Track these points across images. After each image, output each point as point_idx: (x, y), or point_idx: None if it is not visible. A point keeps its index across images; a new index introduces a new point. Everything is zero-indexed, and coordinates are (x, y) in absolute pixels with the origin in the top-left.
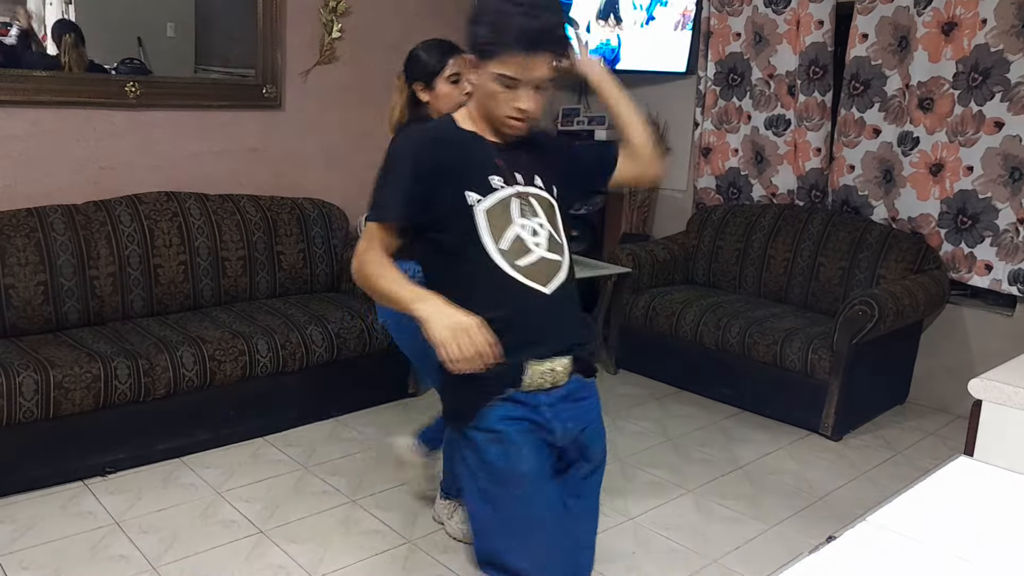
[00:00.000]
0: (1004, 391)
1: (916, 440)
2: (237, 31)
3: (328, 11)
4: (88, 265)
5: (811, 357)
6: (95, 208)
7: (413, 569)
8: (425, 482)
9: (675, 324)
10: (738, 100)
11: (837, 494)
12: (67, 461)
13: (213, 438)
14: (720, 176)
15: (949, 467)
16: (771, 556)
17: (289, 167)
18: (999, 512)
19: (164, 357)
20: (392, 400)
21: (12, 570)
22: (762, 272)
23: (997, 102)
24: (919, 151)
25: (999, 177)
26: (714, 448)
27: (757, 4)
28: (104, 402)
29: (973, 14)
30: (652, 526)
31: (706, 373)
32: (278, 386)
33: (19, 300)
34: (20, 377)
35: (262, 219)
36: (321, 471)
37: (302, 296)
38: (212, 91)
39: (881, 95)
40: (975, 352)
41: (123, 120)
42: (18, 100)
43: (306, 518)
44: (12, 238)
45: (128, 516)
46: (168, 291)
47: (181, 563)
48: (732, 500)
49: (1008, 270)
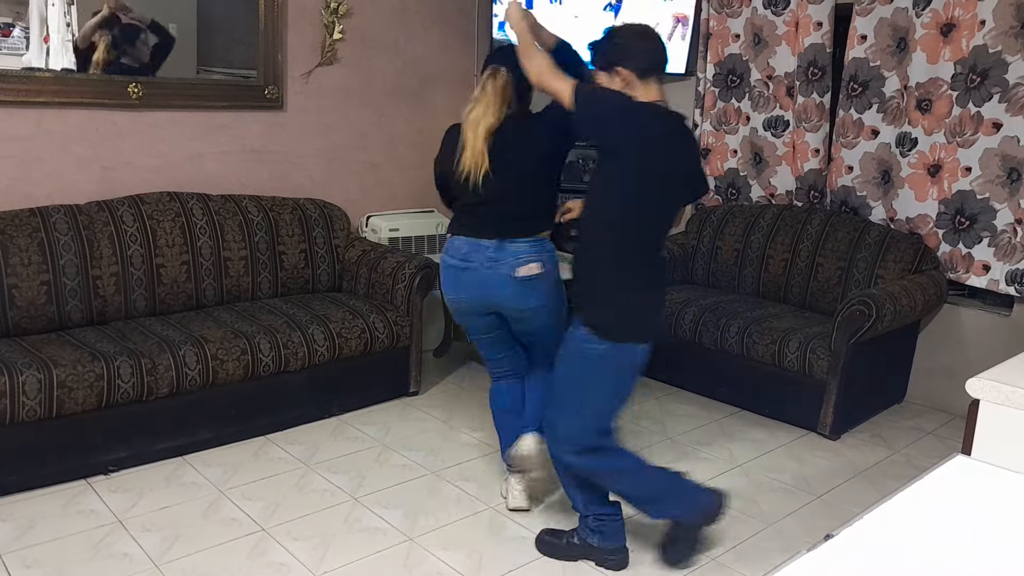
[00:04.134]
0: (1002, 391)
1: (914, 439)
2: (239, 32)
3: (329, 13)
4: (91, 265)
5: (809, 357)
6: (98, 208)
7: (414, 566)
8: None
9: (674, 324)
10: (737, 101)
11: (835, 493)
12: (70, 460)
13: (215, 437)
14: (719, 177)
15: (947, 466)
16: (769, 554)
17: (291, 168)
18: (997, 511)
19: (167, 356)
20: (393, 399)
21: (15, 568)
22: (761, 272)
23: (995, 103)
24: (917, 152)
25: (997, 178)
26: (713, 447)
27: (756, 5)
28: (107, 401)
29: (971, 15)
30: (649, 524)
31: (705, 372)
32: (280, 385)
33: (22, 300)
34: (23, 376)
35: (264, 219)
36: (323, 469)
37: (304, 296)
38: (214, 92)
39: (879, 96)
40: (973, 352)
41: (125, 121)
42: (21, 100)
43: (308, 516)
44: (15, 238)
45: (130, 514)
46: (170, 291)
47: (183, 561)
48: (730, 498)
49: (1006, 270)
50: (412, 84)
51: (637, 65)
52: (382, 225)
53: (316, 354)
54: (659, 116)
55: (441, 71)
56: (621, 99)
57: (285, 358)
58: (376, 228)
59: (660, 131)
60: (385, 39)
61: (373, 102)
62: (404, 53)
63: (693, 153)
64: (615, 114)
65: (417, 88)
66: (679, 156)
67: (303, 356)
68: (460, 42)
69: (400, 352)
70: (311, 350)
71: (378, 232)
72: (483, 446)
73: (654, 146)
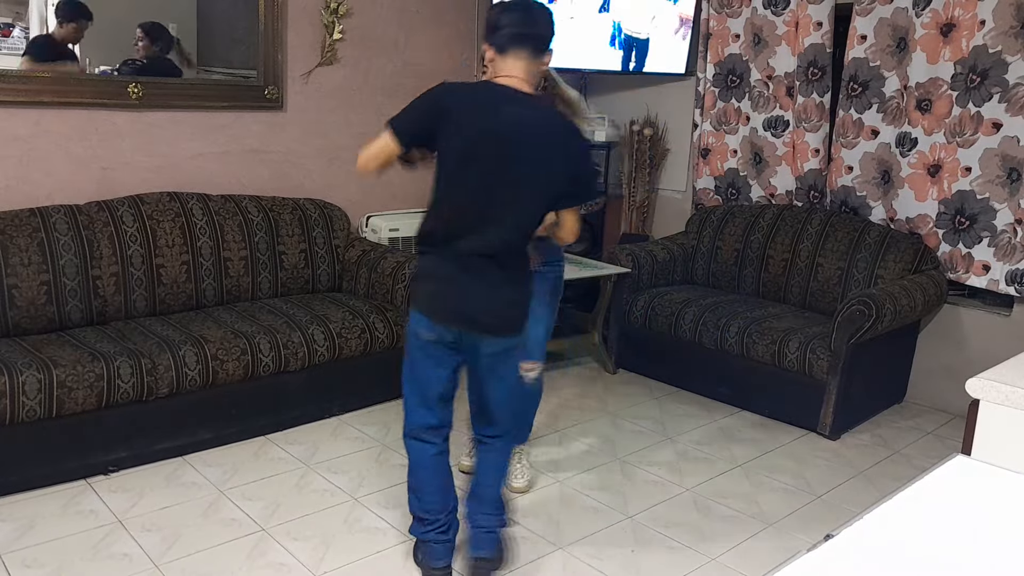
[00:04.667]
0: (1002, 391)
1: (914, 439)
2: (239, 32)
3: (329, 13)
4: (91, 265)
5: (809, 357)
6: (98, 208)
7: (414, 567)
8: None
9: (674, 324)
10: (737, 101)
11: (835, 493)
12: (69, 460)
13: (215, 437)
14: (719, 177)
15: (946, 466)
16: (769, 554)
17: (291, 168)
18: (996, 511)
19: (166, 356)
20: (394, 399)
21: (15, 568)
22: (761, 272)
23: (995, 103)
24: (917, 152)
25: (997, 178)
26: (713, 447)
27: (756, 6)
28: (107, 401)
29: (971, 15)
30: (651, 524)
31: (705, 373)
32: (280, 385)
33: (22, 300)
34: (23, 376)
35: (264, 219)
36: (323, 469)
37: (304, 296)
38: (214, 92)
39: (879, 96)
40: (973, 352)
41: (125, 121)
42: (21, 101)
43: (308, 516)
44: (15, 238)
45: (130, 515)
46: (170, 291)
47: (183, 561)
48: (730, 499)
49: (1006, 270)
50: (412, 84)
51: (496, 40)
52: (382, 225)
53: (316, 354)
54: (483, 90)
55: (441, 71)
56: (425, 94)
57: (285, 358)
58: (376, 228)
59: (478, 102)
60: (385, 39)
61: (373, 102)
62: (404, 53)
63: (553, 144)
64: (420, 105)
65: (417, 88)
66: (519, 142)
67: (303, 356)
68: (460, 42)
69: (400, 352)
70: (311, 350)
71: (378, 232)
72: None
73: (466, 116)
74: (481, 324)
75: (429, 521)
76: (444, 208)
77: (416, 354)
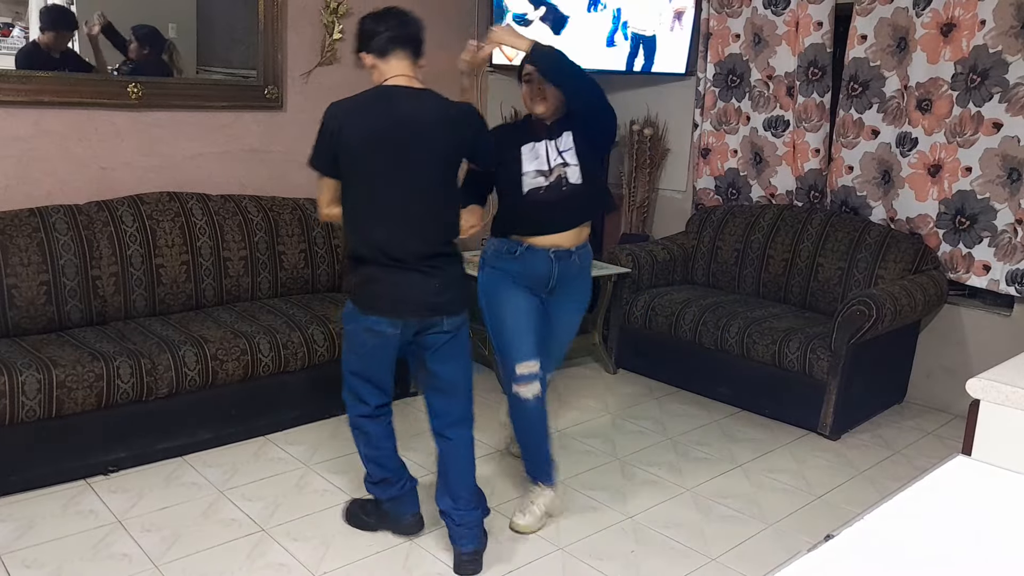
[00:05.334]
0: (1002, 391)
1: (914, 439)
2: (238, 32)
3: (329, 12)
4: (90, 265)
5: (810, 357)
6: (97, 208)
7: (414, 567)
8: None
9: (674, 324)
10: (737, 101)
11: (835, 493)
12: (69, 460)
13: (215, 437)
14: (719, 177)
15: (947, 466)
16: (769, 554)
17: (291, 168)
18: (997, 511)
19: (166, 357)
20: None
21: (14, 569)
22: (761, 272)
23: (995, 103)
24: (917, 152)
25: (997, 178)
26: (713, 447)
27: (756, 5)
28: (106, 401)
29: (972, 15)
30: (651, 524)
31: (705, 373)
32: (280, 385)
33: (22, 300)
34: (23, 376)
35: (264, 219)
36: (323, 470)
37: (304, 296)
38: (214, 92)
39: (880, 96)
40: (973, 352)
41: (125, 121)
42: (20, 100)
43: (308, 516)
44: (14, 238)
45: (130, 515)
46: (170, 291)
47: (183, 561)
48: (731, 499)
49: (1006, 270)
50: None
51: (376, 46)
52: None
53: (316, 354)
54: (374, 97)
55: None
56: (321, 121)
57: (285, 358)
58: None
59: (369, 110)
60: None
61: None
62: None
63: (454, 125)
64: (319, 136)
65: None
66: (418, 132)
67: (303, 356)
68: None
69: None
70: (311, 350)
71: None
72: (484, 446)
73: (355, 129)
74: (436, 307)
75: (393, 480)
76: (366, 222)
77: (369, 350)
